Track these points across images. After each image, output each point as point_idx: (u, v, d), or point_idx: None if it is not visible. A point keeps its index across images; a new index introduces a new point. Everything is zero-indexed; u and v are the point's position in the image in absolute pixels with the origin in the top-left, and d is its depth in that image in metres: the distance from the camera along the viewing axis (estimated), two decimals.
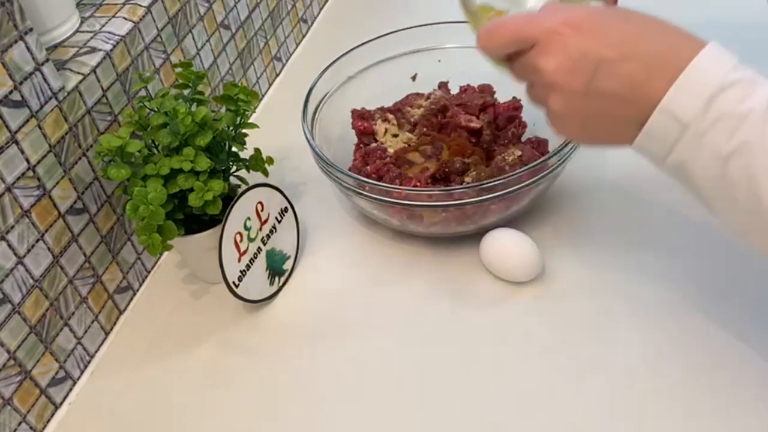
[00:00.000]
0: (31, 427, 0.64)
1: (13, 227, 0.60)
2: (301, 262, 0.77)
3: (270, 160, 0.76)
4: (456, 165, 0.74)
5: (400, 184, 0.73)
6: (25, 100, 0.60)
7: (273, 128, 0.88)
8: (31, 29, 0.59)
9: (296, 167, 0.87)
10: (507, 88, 0.83)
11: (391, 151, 0.79)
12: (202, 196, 0.65)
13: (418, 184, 0.73)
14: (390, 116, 0.83)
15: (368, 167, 0.76)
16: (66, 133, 0.65)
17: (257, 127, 0.73)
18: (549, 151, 0.76)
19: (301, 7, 1.13)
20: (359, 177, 0.71)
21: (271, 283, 0.73)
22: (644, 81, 0.44)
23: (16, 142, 0.59)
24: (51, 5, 0.69)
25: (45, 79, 0.62)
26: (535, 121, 0.82)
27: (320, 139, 0.79)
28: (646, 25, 0.45)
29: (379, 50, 0.86)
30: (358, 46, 0.86)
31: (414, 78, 0.88)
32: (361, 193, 0.71)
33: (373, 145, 0.81)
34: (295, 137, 0.81)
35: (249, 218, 0.70)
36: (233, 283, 0.68)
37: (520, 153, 0.74)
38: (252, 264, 0.70)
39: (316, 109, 0.81)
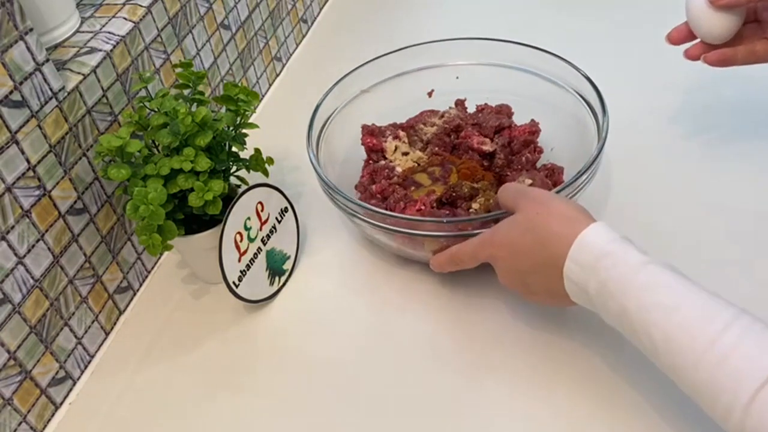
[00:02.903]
0: (31, 427, 0.64)
1: (13, 227, 0.60)
2: (301, 262, 0.77)
3: (270, 160, 0.76)
4: (464, 190, 0.71)
5: (405, 206, 0.71)
6: (26, 100, 0.60)
7: (273, 128, 0.88)
8: (31, 29, 0.59)
9: (296, 167, 0.88)
10: (526, 109, 0.81)
11: (399, 170, 0.77)
12: (202, 196, 0.65)
13: (423, 207, 0.70)
14: (401, 133, 0.80)
15: (373, 186, 0.74)
16: (66, 133, 0.65)
17: (257, 127, 0.73)
18: (563, 180, 0.74)
19: (301, 7, 1.13)
20: (356, 201, 0.68)
21: (271, 283, 0.73)
22: (552, 282, 0.57)
23: (17, 142, 0.59)
24: (51, 5, 0.69)
25: (45, 79, 0.62)
26: (553, 146, 0.79)
27: (327, 153, 0.77)
28: (539, 232, 0.57)
29: (395, 64, 0.84)
30: (375, 59, 0.83)
31: (430, 94, 0.86)
32: (357, 216, 0.68)
33: (382, 162, 0.78)
34: (295, 137, 0.81)
35: (249, 218, 0.70)
36: (233, 283, 0.68)
37: (531, 182, 0.71)
38: (252, 264, 0.70)
39: (326, 122, 0.79)
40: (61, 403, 0.68)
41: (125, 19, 0.74)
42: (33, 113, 0.61)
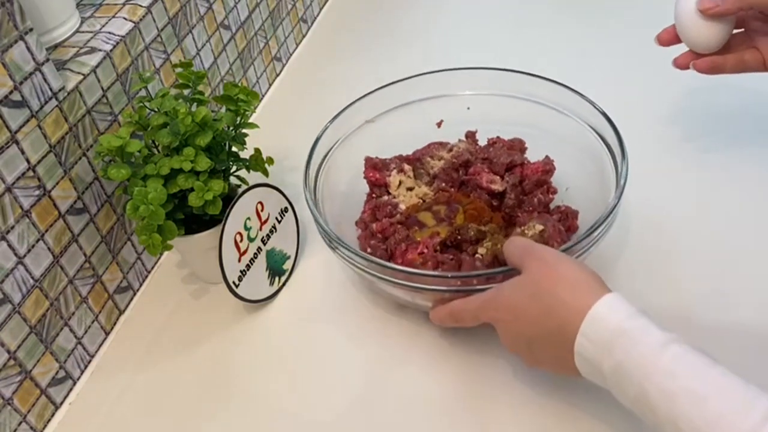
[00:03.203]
0: (31, 427, 0.64)
1: (13, 227, 0.60)
2: (301, 262, 0.77)
3: (270, 160, 0.76)
4: (470, 233, 0.67)
5: (406, 249, 0.67)
6: (26, 100, 0.60)
7: (273, 128, 0.87)
8: (31, 29, 0.59)
9: (296, 167, 0.87)
10: (541, 144, 0.76)
11: (402, 207, 0.72)
12: (202, 196, 0.65)
13: (425, 251, 0.66)
14: (406, 167, 0.76)
15: (374, 225, 0.71)
16: (66, 133, 0.65)
17: (257, 127, 0.73)
18: (578, 226, 0.70)
19: (301, 7, 1.13)
20: (354, 250, 0.64)
21: (271, 283, 0.73)
22: (560, 352, 0.53)
23: (16, 142, 0.59)
24: (51, 5, 0.69)
25: (45, 79, 0.62)
26: (568, 185, 0.74)
27: (328, 185, 0.74)
28: (546, 298, 0.53)
29: (402, 93, 0.79)
30: (380, 88, 0.78)
31: (439, 124, 0.81)
32: (354, 264, 0.64)
33: (385, 198, 0.74)
34: (295, 137, 0.81)
35: (249, 218, 0.70)
36: (233, 283, 0.68)
37: (542, 228, 0.65)
38: (252, 264, 0.70)
39: (327, 153, 0.75)
40: (61, 403, 0.68)
41: (125, 19, 0.74)
42: (33, 113, 0.61)
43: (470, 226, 0.68)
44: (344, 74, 1.04)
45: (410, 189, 0.75)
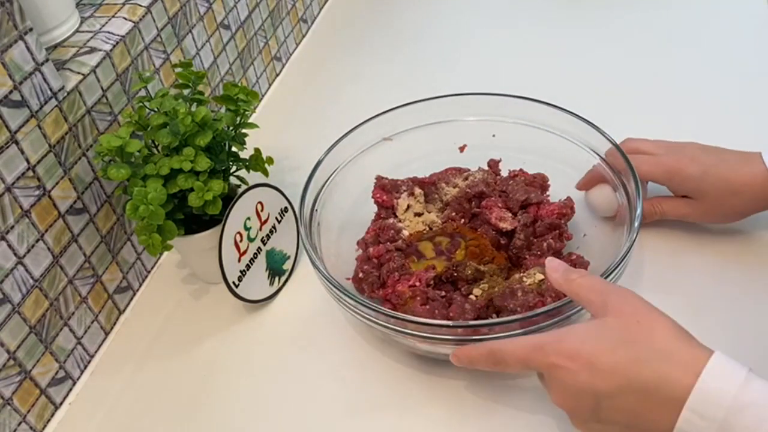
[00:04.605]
0: (31, 427, 0.64)
1: (13, 227, 0.60)
2: (301, 263, 0.77)
3: (270, 160, 0.76)
4: (467, 271, 0.64)
5: (398, 278, 0.65)
6: (25, 100, 0.60)
7: (273, 128, 0.87)
8: (31, 29, 0.59)
9: (296, 167, 0.87)
10: (567, 181, 0.72)
11: (406, 233, 0.70)
12: (202, 196, 0.65)
13: (417, 284, 0.63)
14: (417, 191, 0.73)
15: (371, 249, 0.68)
16: (66, 133, 0.65)
17: (257, 127, 0.73)
18: None
19: (301, 7, 1.13)
20: (339, 285, 0.61)
21: (271, 283, 0.73)
22: (646, 411, 0.45)
23: (16, 142, 0.59)
24: (51, 5, 0.69)
25: (45, 79, 0.62)
26: (587, 231, 0.71)
27: (337, 196, 0.72)
28: (639, 345, 0.45)
29: (426, 112, 0.76)
30: (398, 107, 0.75)
31: (462, 149, 0.78)
32: (340, 300, 0.62)
33: (390, 220, 0.71)
34: (295, 137, 0.81)
35: (249, 218, 0.70)
36: (233, 283, 0.68)
37: (542, 278, 0.61)
38: (252, 264, 0.70)
39: (336, 169, 0.73)
40: (61, 403, 0.68)
41: (125, 18, 0.74)
42: (33, 113, 0.61)
43: (468, 264, 0.64)
44: (344, 74, 1.05)
45: (418, 214, 0.73)
